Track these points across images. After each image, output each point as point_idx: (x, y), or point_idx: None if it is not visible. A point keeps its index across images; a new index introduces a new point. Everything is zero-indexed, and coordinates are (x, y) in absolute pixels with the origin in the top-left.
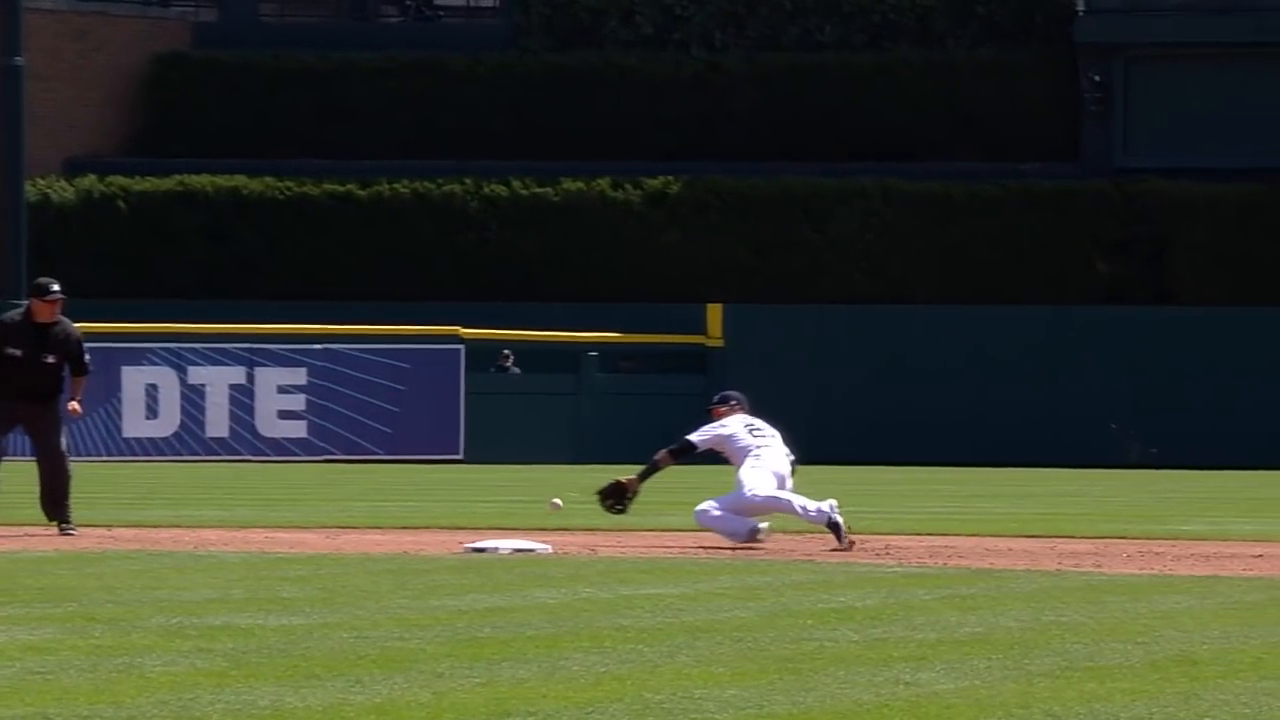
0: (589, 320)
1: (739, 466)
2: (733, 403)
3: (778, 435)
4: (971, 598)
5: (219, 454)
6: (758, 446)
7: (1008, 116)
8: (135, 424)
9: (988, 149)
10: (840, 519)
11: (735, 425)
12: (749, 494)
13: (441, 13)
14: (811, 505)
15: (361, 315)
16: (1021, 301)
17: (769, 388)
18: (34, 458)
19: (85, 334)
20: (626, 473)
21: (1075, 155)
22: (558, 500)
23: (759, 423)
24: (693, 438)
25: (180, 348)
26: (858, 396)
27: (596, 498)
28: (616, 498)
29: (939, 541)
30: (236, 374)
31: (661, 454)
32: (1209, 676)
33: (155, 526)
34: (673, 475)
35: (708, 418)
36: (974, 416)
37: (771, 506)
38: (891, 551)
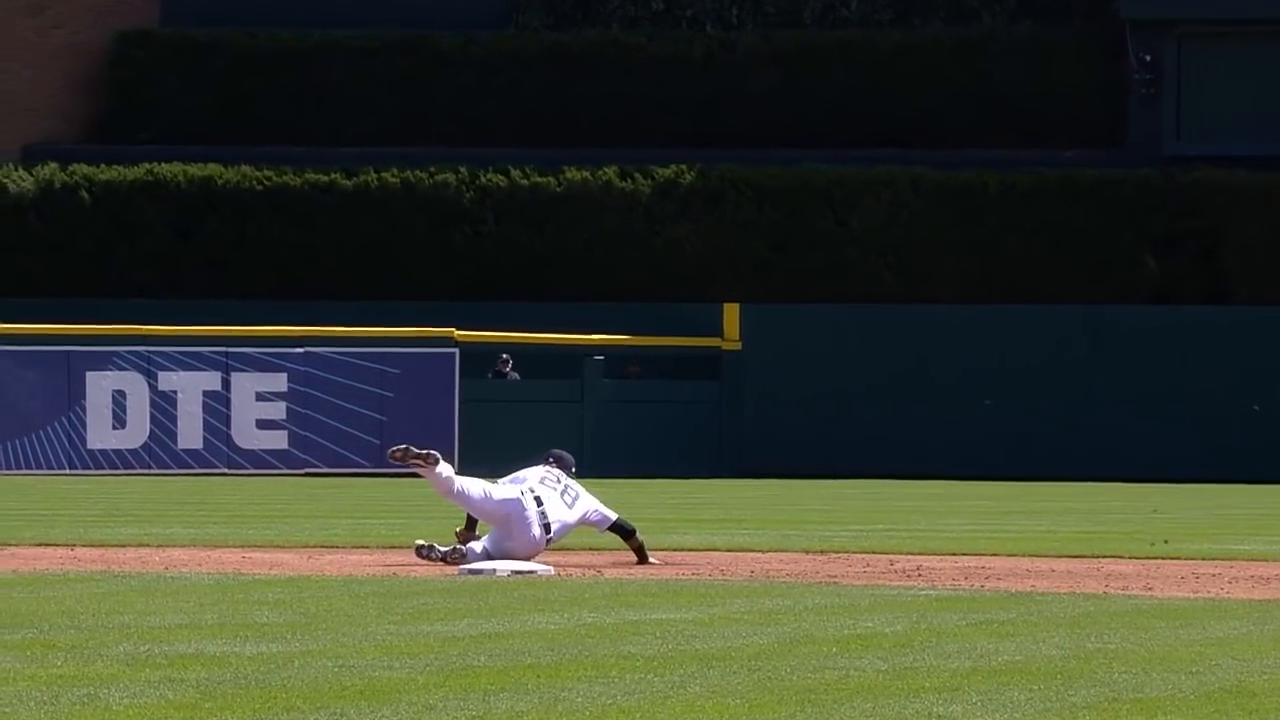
0: (594, 321)
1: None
2: (550, 460)
3: (576, 495)
4: (1008, 623)
5: (191, 467)
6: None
7: (1046, 99)
8: (101, 434)
9: (1024, 135)
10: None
11: (534, 474)
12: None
13: None
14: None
15: (346, 316)
16: (1060, 301)
17: (788, 393)
18: None
19: (46, 336)
20: (630, 488)
21: (1120, 142)
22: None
23: (565, 482)
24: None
25: (150, 351)
26: (882, 403)
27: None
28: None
29: (972, 562)
30: (211, 380)
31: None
32: (1267, 709)
33: (120, 546)
34: (681, 493)
35: (716, 429)
36: (1008, 425)
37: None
38: (921, 573)
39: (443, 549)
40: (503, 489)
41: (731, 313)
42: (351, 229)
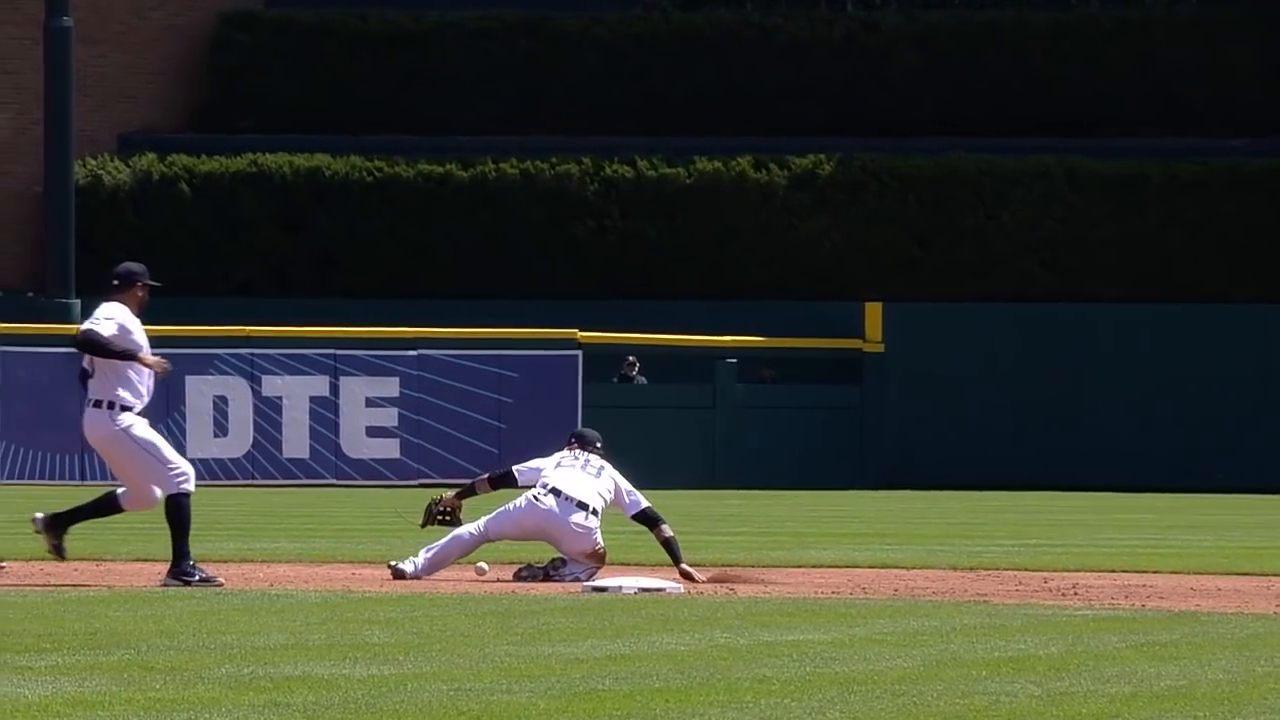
0: (726, 322)
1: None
2: (571, 442)
3: (601, 468)
4: (1171, 645)
5: (297, 477)
6: (547, 482)
7: (1212, 83)
8: (201, 443)
9: (1188, 122)
10: (404, 567)
11: (549, 461)
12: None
13: None
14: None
15: (462, 316)
16: (1227, 300)
17: (933, 399)
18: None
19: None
20: (765, 500)
21: None
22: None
23: (585, 456)
24: (515, 468)
25: (253, 354)
26: (1034, 409)
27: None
28: (439, 515)
29: (1133, 579)
30: (318, 384)
31: (481, 479)
32: None
33: (222, 561)
34: (819, 505)
35: (856, 437)
36: (1172, 433)
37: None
38: (1077, 591)
39: (539, 566)
40: (514, 508)
41: (873, 312)
42: (468, 223)
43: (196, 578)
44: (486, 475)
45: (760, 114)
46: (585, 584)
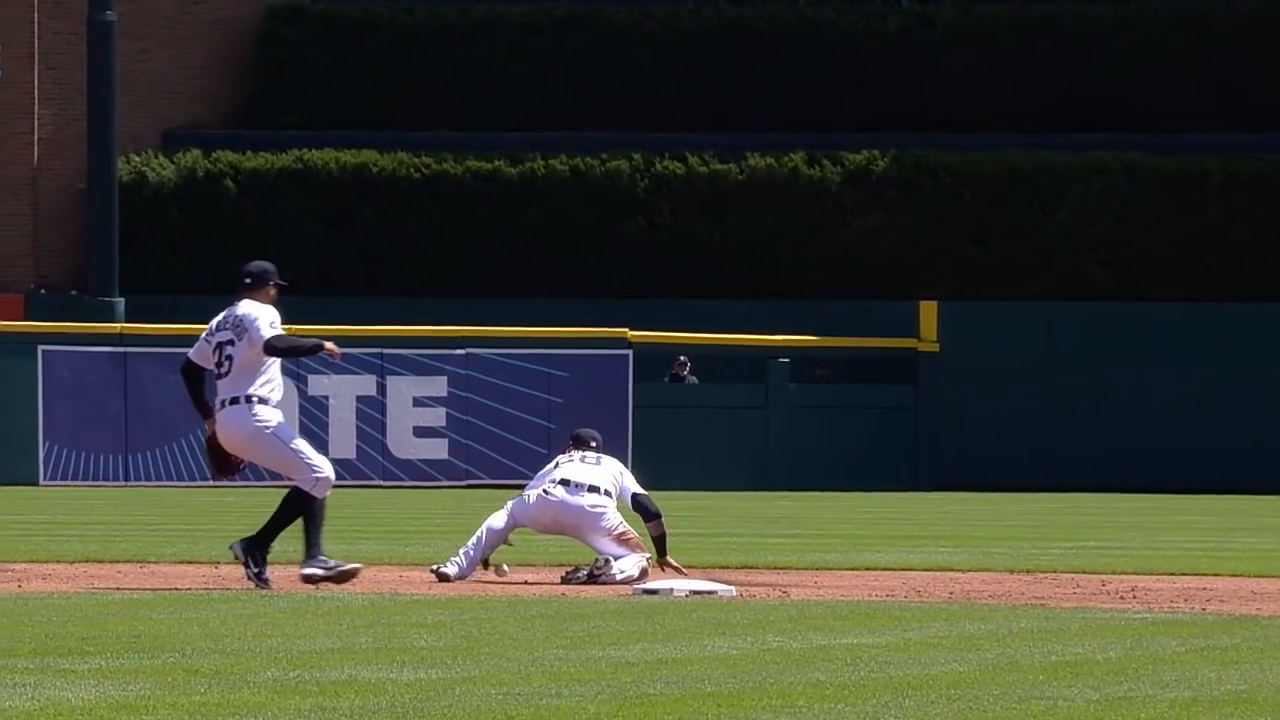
0: (779, 321)
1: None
2: (570, 444)
3: (600, 462)
4: (1233, 649)
5: (344, 478)
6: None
7: (1275, 78)
8: None
9: (1250, 117)
10: (447, 570)
11: (548, 467)
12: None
13: None
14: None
15: (511, 315)
16: None
17: (989, 398)
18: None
19: (187, 336)
20: (818, 502)
21: None
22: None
23: (582, 453)
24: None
25: None
26: (1092, 409)
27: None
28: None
29: (1193, 583)
30: (364, 384)
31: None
32: None
33: (268, 564)
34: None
35: (911, 438)
36: (1233, 435)
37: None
38: (1136, 594)
39: (583, 571)
40: (528, 501)
41: (928, 311)
42: (516, 220)
43: (332, 567)
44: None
45: (813, 109)
46: (636, 587)
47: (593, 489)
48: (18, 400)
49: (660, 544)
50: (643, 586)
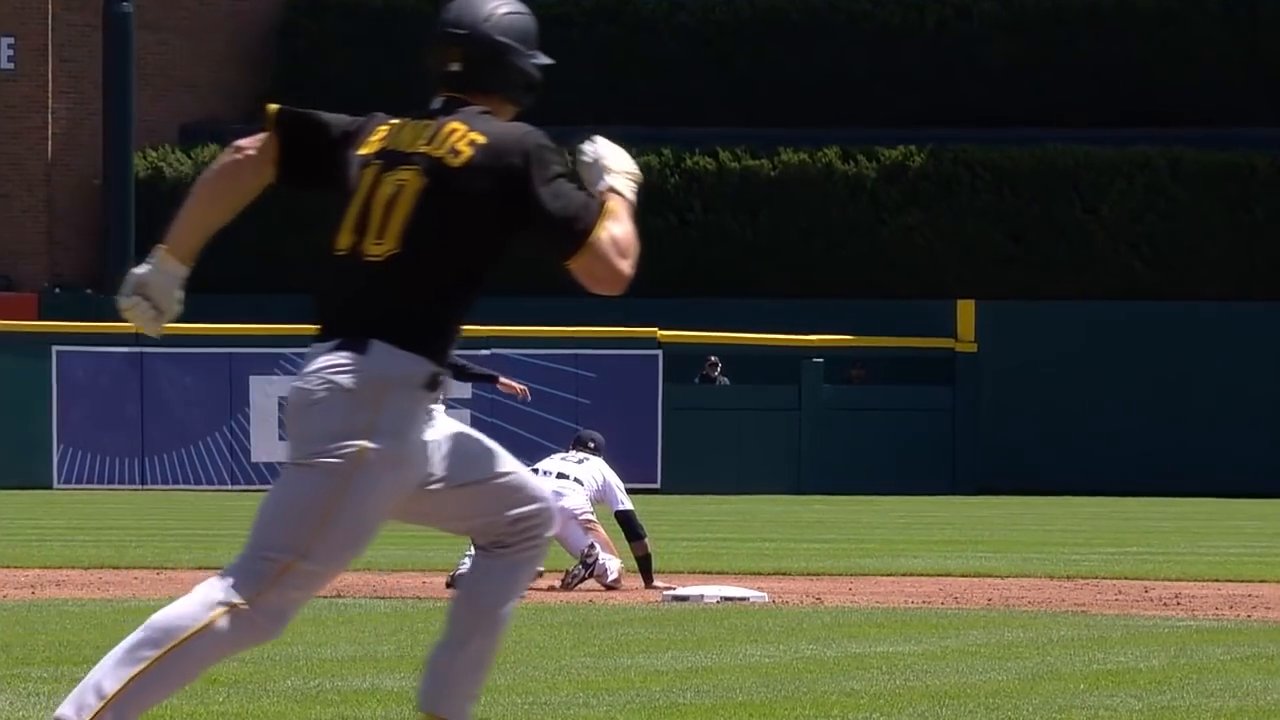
0: (812, 320)
1: None
2: (571, 445)
3: (584, 464)
4: (1279, 658)
5: None
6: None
7: None
8: (266, 446)
9: None
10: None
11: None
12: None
13: None
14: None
15: (537, 314)
16: None
17: (1028, 400)
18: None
19: (206, 336)
20: (854, 506)
21: None
22: None
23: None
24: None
25: None
26: (1135, 412)
27: None
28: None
29: (1239, 589)
30: None
31: None
32: None
33: None
34: (910, 511)
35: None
36: (1278, 438)
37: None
38: (1181, 601)
39: (577, 568)
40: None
41: (966, 310)
42: None
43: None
44: None
45: (848, 104)
46: (665, 594)
47: (561, 476)
48: (31, 402)
49: (645, 566)
50: (673, 593)
